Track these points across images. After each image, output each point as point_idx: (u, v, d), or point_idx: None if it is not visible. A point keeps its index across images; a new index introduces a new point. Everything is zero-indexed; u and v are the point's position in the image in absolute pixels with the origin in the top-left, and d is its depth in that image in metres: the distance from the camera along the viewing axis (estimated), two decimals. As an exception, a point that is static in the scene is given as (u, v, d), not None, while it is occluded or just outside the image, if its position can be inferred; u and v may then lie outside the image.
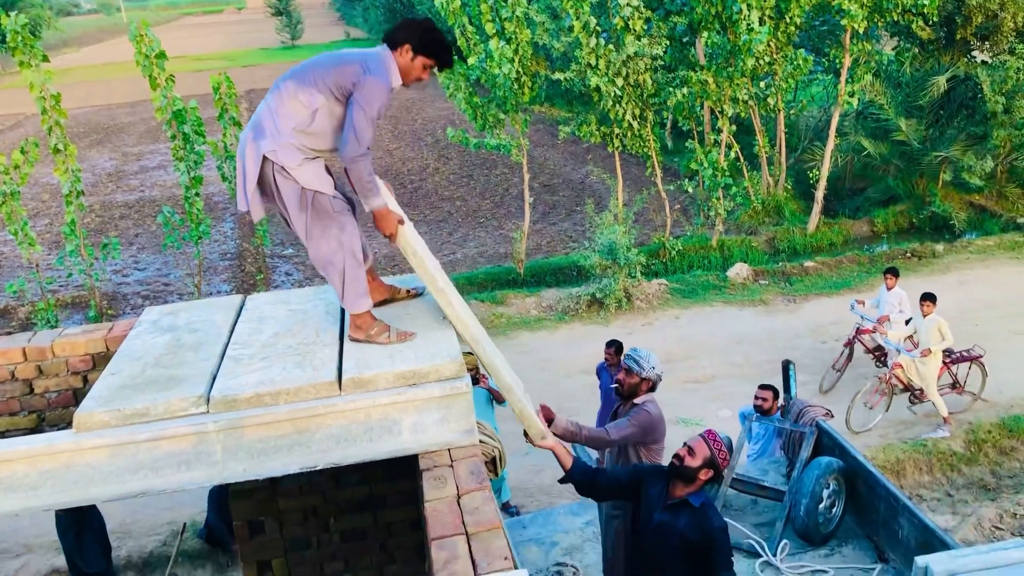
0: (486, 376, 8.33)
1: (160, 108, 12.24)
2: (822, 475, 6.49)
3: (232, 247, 18.94)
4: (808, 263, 15.27)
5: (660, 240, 16.10)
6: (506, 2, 13.84)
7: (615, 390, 5.33)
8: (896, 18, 15.32)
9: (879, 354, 10.88)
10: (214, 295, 15.65)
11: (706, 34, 15.29)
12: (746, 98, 15.52)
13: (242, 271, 17.39)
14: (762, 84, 15.96)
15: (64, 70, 45.22)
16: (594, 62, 14.24)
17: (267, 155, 4.04)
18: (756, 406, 7.62)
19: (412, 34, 4.11)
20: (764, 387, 7.64)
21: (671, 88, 15.07)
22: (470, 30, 14.52)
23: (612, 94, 14.46)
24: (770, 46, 15.55)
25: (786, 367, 7.66)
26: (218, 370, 4.03)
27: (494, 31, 13.98)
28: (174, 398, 3.77)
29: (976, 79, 17.00)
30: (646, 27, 14.78)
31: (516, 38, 14.05)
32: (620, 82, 14.40)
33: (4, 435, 4.70)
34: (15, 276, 15.83)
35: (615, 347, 8.84)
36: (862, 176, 19.69)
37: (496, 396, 8.37)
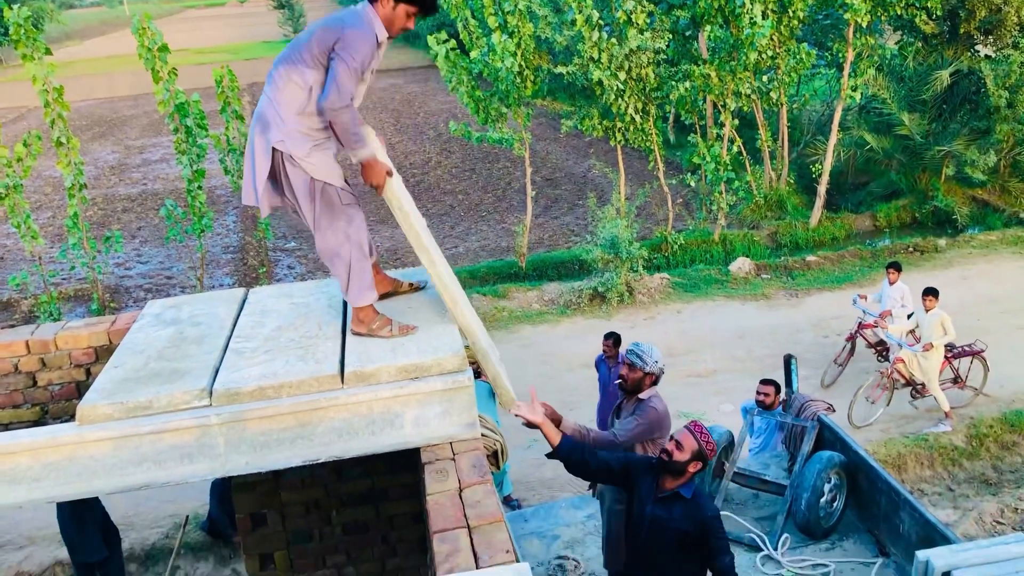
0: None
1: (162, 101, 12.24)
2: (823, 469, 6.50)
3: (235, 240, 18.95)
4: (810, 257, 15.26)
5: (662, 234, 16.09)
6: (508, -4, 13.83)
7: (619, 385, 5.31)
8: (899, 12, 15.28)
9: (881, 349, 10.88)
10: (216, 288, 15.67)
11: (709, 28, 15.26)
12: (749, 92, 15.50)
13: (244, 264, 17.40)
14: (765, 78, 15.93)
15: (67, 63, 45.11)
16: (596, 56, 14.22)
17: (276, 146, 4.03)
18: (758, 401, 7.62)
19: None
20: (766, 382, 7.64)
21: (674, 82, 15.04)
22: (473, 24, 14.50)
23: (614, 88, 14.44)
24: (773, 40, 15.52)
25: (788, 361, 7.67)
26: (221, 363, 4.04)
27: (496, 25, 13.96)
28: (177, 391, 3.78)
29: (979, 73, 16.96)
30: (649, 21, 14.75)
31: (519, 32, 14.03)
32: (622, 76, 14.38)
33: (7, 427, 4.71)
34: (18, 269, 15.84)
35: (613, 339, 8.83)
36: (865, 170, 19.67)
37: (498, 390, 8.36)
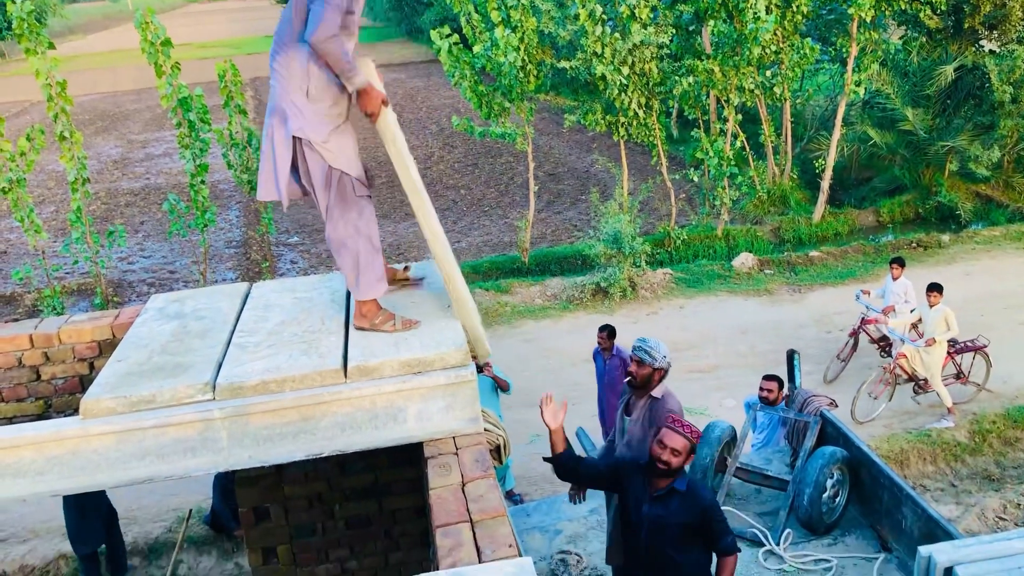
0: (490, 364, 8.35)
1: (165, 96, 12.23)
2: (826, 465, 6.50)
3: (237, 235, 18.96)
4: (813, 253, 15.24)
5: (665, 229, 16.07)
6: (511, -10, 13.80)
7: (628, 382, 5.30)
8: (903, 7, 15.24)
9: (883, 344, 10.86)
10: (219, 283, 15.68)
11: (712, 23, 15.22)
12: (752, 87, 15.46)
13: (247, 259, 17.41)
14: (768, 73, 15.89)
15: (70, 57, 45.11)
16: (600, 51, 14.19)
17: (296, 134, 4.01)
18: (761, 397, 7.61)
19: None
20: (769, 378, 7.63)
21: (677, 77, 15.01)
22: (476, 18, 14.47)
23: (618, 83, 14.41)
24: (777, 35, 15.48)
25: (791, 357, 7.66)
26: (224, 357, 4.05)
27: (500, 19, 13.93)
28: (180, 385, 3.78)
29: (984, 68, 16.90)
30: (652, 15, 14.70)
31: (522, 26, 14.00)
32: (626, 71, 14.35)
33: (12, 421, 4.72)
34: (21, 263, 15.87)
35: (607, 331, 8.90)
36: (868, 166, 19.62)
37: (500, 384, 8.38)
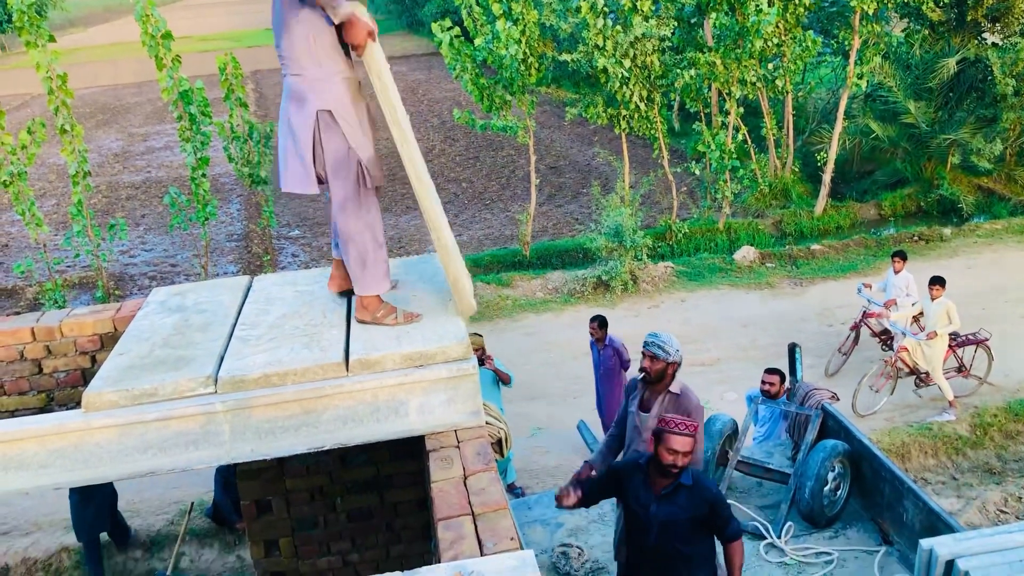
0: (492, 357, 8.36)
1: (166, 89, 12.21)
2: (827, 458, 6.50)
3: (239, 228, 18.95)
4: (815, 246, 15.23)
5: (666, 223, 16.06)
6: (513, -18, 13.76)
7: (642, 378, 5.30)
8: (906, -1, 15.21)
9: (885, 338, 10.86)
10: (221, 276, 15.68)
11: (714, 15, 15.19)
12: (754, 80, 15.43)
13: (249, 252, 17.41)
14: (770, 66, 15.86)
15: (70, 50, 45.03)
16: (601, 43, 14.16)
17: (320, 108, 3.95)
18: (763, 390, 7.61)
19: None
20: (771, 371, 7.62)
21: (679, 70, 14.98)
22: (477, 11, 14.44)
23: (619, 76, 14.38)
24: (779, 27, 15.43)
25: (792, 350, 7.66)
26: (226, 351, 4.05)
27: (501, 12, 13.89)
28: (182, 378, 3.78)
29: (986, 61, 16.85)
30: (654, 8, 14.67)
31: (523, 19, 13.97)
32: (627, 63, 14.32)
33: (14, 414, 4.73)
34: (23, 256, 15.88)
35: (598, 321, 9.04)
36: (870, 159, 19.59)
37: (502, 377, 8.38)
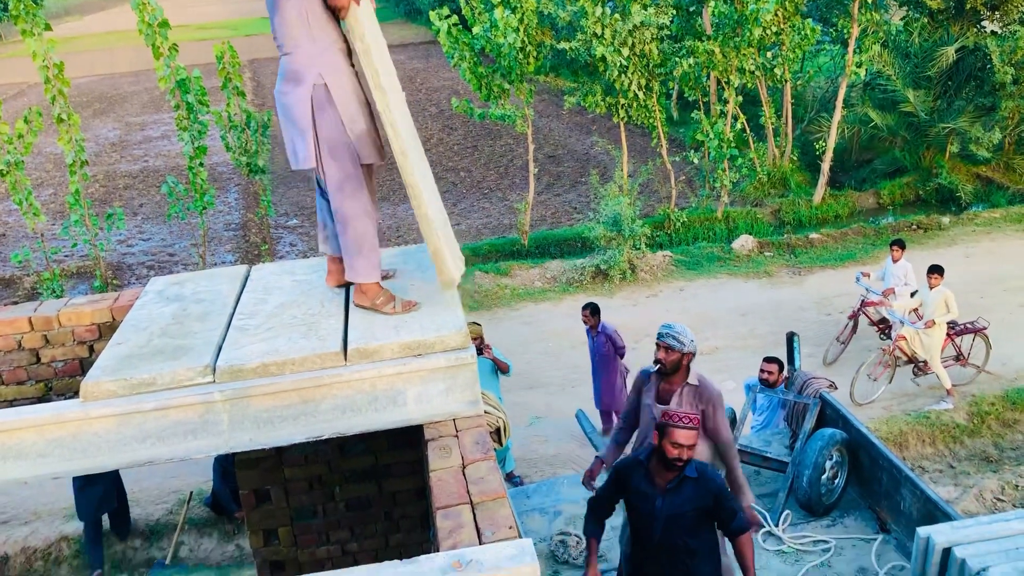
0: (490, 346, 8.36)
1: (163, 77, 12.16)
2: (825, 446, 6.52)
3: (236, 218, 18.92)
4: (813, 235, 15.22)
5: (665, 211, 16.04)
6: (511, -29, 13.70)
7: (658, 370, 5.28)
8: (905, -13, 15.15)
9: (883, 326, 10.87)
10: (219, 265, 15.67)
11: (713, 3, 15.12)
12: (753, 68, 15.39)
13: (246, 242, 17.38)
14: (769, 54, 15.82)
15: (67, 39, 44.83)
16: (600, 32, 14.11)
17: (315, 81, 3.92)
18: (761, 379, 7.63)
19: None
20: (769, 360, 7.64)
21: (677, 58, 14.94)
22: (475, -1, 14.40)
23: (618, 64, 14.34)
24: (777, 16, 15.39)
25: (790, 339, 7.67)
26: (224, 340, 4.04)
27: (499, 0, 13.85)
28: (180, 368, 3.78)
29: (985, 49, 16.82)
30: (653, -4, 14.64)
31: (521, 7, 13.90)
32: (626, 52, 14.28)
33: (12, 404, 4.72)
34: (20, 246, 15.84)
35: (590, 309, 9.21)
36: (869, 148, 19.57)
37: (500, 366, 8.38)
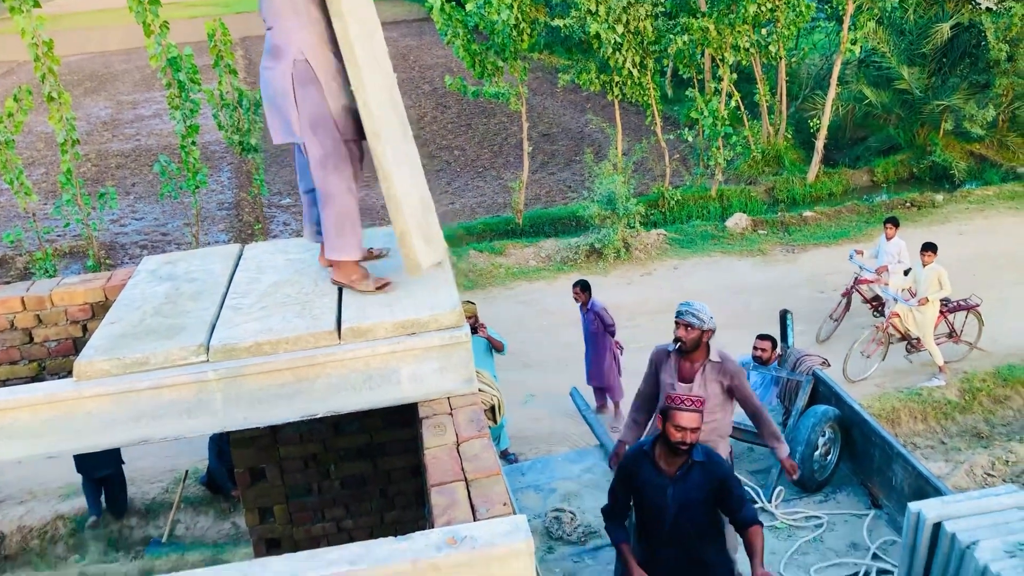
0: (485, 325, 8.38)
1: (154, 55, 12.06)
2: (818, 423, 6.56)
3: (229, 197, 18.85)
4: (807, 213, 15.23)
5: (659, 190, 16.02)
6: (505, -54, 13.58)
7: (677, 348, 5.25)
8: (901, -37, 15.08)
9: (876, 304, 10.91)
10: (212, 245, 15.63)
11: (708, -20, 15.08)
12: (747, 46, 15.33)
13: (240, 221, 17.33)
14: (764, 31, 15.75)
15: (56, 16, 44.41)
16: (594, 8, 14.02)
17: (295, 60, 3.85)
18: (755, 356, 7.66)
19: None
20: (762, 337, 7.67)
21: (672, 35, 14.87)
22: (468, -25, 14.29)
23: (612, 41, 14.26)
24: (772, -8, 15.32)
25: (784, 317, 7.69)
26: (217, 319, 4.03)
27: (493, -24, 13.76)
28: (174, 347, 3.77)
29: (980, 26, 16.78)
30: (647, -28, 14.53)
31: (515, -16, 13.82)
32: (620, 29, 14.20)
33: (5, 384, 4.72)
34: (12, 226, 15.77)
35: (580, 285, 9.23)
36: (863, 125, 19.54)
37: (495, 345, 8.41)
